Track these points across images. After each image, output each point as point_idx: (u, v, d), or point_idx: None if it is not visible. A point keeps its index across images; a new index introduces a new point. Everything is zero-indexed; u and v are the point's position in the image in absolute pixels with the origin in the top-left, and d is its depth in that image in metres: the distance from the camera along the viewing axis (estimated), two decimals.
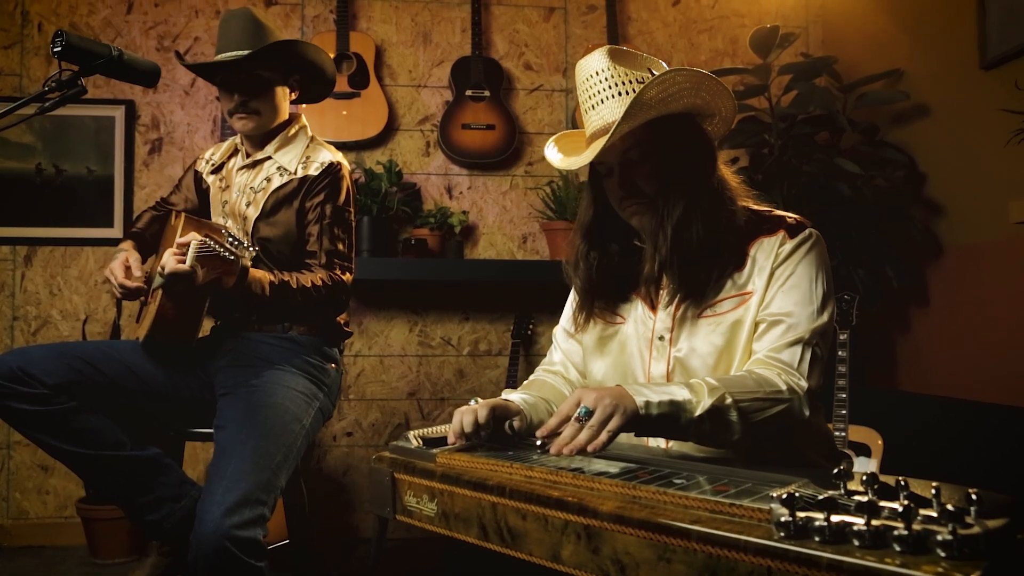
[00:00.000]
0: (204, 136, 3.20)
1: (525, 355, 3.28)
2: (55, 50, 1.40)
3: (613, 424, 1.06)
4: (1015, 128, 2.15)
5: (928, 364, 2.80)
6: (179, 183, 2.07)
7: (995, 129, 2.38)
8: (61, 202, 3.12)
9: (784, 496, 0.77)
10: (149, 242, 2.02)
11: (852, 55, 3.17)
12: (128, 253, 1.88)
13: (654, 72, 1.32)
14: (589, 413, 1.07)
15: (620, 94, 1.28)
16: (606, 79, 1.29)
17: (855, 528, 0.73)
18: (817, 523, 0.75)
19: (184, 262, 1.44)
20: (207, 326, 1.92)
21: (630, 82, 1.29)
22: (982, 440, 2.35)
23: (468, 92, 3.22)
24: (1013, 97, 2.22)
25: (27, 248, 3.10)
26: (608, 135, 1.23)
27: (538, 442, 1.11)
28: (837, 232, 2.67)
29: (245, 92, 1.82)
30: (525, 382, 1.52)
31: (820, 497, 0.76)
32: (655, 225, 1.30)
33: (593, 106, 1.31)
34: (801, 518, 0.76)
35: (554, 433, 1.10)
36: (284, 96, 1.91)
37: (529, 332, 3.24)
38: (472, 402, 1.21)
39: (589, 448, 1.06)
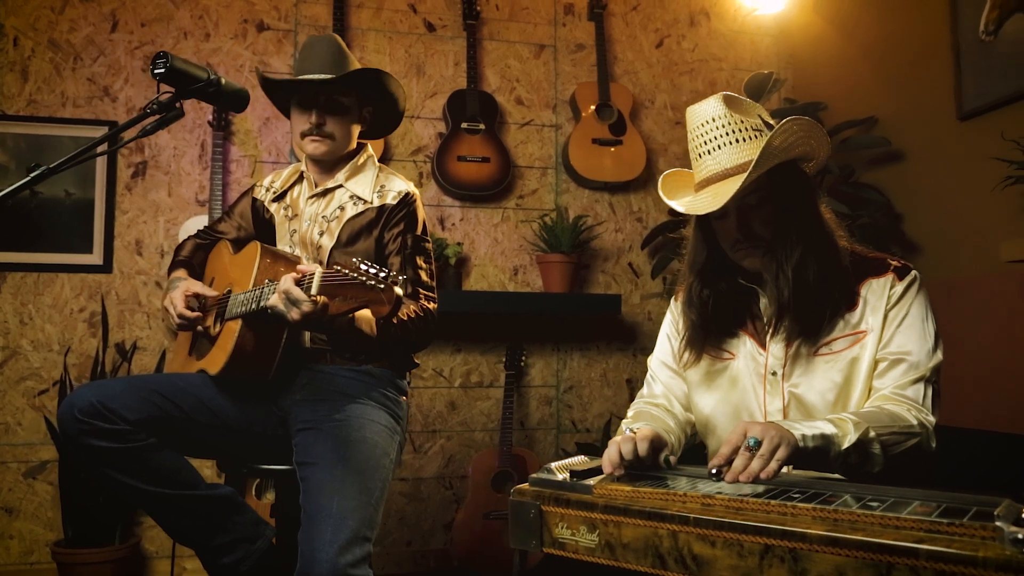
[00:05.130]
0: (191, 161, 3.10)
1: (517, 386, 3.30)
2: (157, 72, 1.35)
3: (781, 454, 1.11)
4: (1005, 175, 2.35)
5: None
6: (230, 211, 2.00)
7: (977, 175, 2.60)
8: (35, 226, 2.94)
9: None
10: (197, 271, 1.94)
11: (823, 101, 3.37)
12: (190, 282, 1.80)
13: (764, 118, 1.39)
14: (758, 444, 1.12)
15: (738, 140, 1.34)
16: (723, 125, 1.35)
17: None
18: None
19: (309, 291, 1.39)
20: None
21: (746, 129, 1.35)
22: (961, 464, 2.51)
23: (464, 125, 3.24)
24: (999, 146, 2.43)
25: None
26: (745, 176, 1.29)
27: (712, 471, 1.14)
28: None
29: (323, 112, 1.80)
30: (632, 413, 1.54)
31: None
32: (775, 268, 1.36)
33: (709, 151, 1.36)
34: None
35: (727, 462, 1.14)
36: (356, 126, 1.89)
37: (522, 364, 3.26)
38: (627, 431, 1.23)
39: (762, 476, 1.10)
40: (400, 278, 1.31)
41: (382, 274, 1.30)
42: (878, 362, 1.35)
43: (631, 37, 3.56)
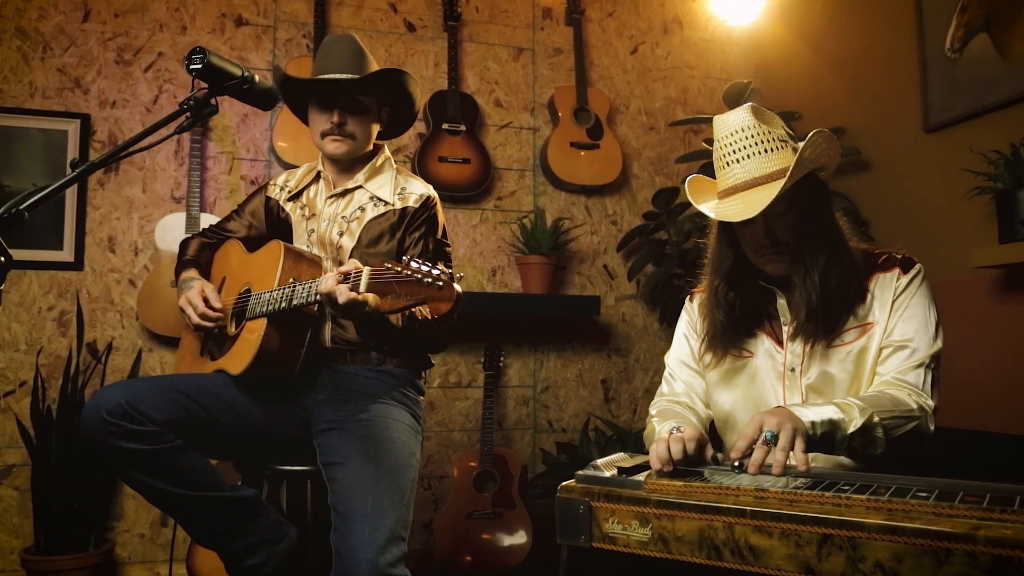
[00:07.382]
0: (167, 156, 3.02)
1: (495, 387, 3.32)
2: (193, 67, 1.33)
3: (799, 445, 1.17)
4: (971, 186, 2.49)
5: None
6: (240, 209, 1.97)
7: (943, 185, 2.74)
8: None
9: None
10: (204, 271, 1.90)
11: (798, 111, 3.49)
12: (203, 283, 1.77)
13: (786, 129, 1.46)
14: (775, 436, 1.17)
15: (767, 151, 1.40)
16: (751, 135, 1.41)
17: None
18: None
19: (358, 289, 1.38)
20: None
21: (773, 140, 1.41)
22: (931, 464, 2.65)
23: (444, 125, 3.25)
24: (965, 158, 2.57)
25: None
26: (781, 183, 1.34)
27: (736, 463, 1.19)
28: None
29: (345, 112, 1.79)
30: (656, 411, 1.58)
31: None
32: (803, 273, 1.43)
33: (738, 160, 1.42)
34: None
35: (745, 455, 1.19)
36: (375, 126, 1.89)
37: (500, 364, 3.28)
38: (673, 431, 1.27)
39: (800, 468, 1.16)
40: (458, 275, 1.32)
41: (435, 271, 1.30)
42: (882, 349, 1.43)
43: (607, 43, 3.63)
